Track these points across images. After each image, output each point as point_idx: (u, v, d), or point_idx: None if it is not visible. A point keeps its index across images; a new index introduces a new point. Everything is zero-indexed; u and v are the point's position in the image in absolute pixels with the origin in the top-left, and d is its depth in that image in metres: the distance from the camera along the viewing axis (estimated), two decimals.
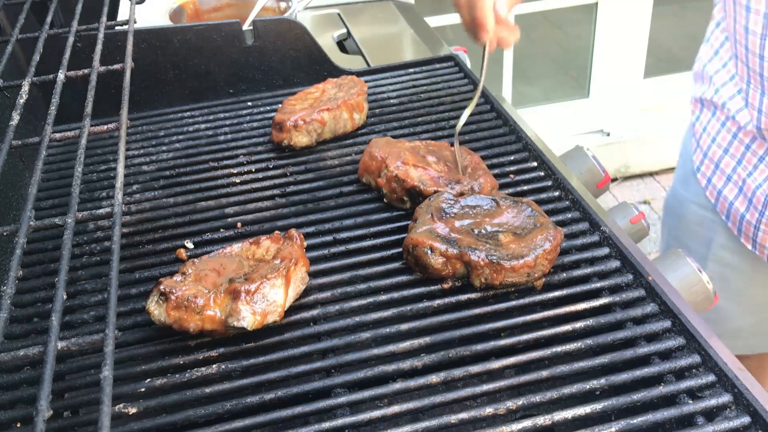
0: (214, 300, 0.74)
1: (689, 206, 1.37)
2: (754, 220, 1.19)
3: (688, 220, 1.38)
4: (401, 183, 0.95)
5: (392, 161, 0.97)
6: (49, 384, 0.43)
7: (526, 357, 0.74)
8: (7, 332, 0.59)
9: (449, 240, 0.82)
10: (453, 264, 0.81)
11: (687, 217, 1.38)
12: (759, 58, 1.07)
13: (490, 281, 0.80)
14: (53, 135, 0.67)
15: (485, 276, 0.80)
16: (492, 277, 0.80)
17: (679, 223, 1.42)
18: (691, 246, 1.38)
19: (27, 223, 0.57)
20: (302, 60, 1.33)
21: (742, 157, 1.20)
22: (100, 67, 0.77)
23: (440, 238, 0.82)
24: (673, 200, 1.45)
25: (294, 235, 0.85)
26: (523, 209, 0.88)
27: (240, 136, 1.19)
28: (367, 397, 0.71)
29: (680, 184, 1.42)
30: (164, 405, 0.71)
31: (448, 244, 0.82)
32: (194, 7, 1.59)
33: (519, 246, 0.81)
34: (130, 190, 1.06)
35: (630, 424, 0.66)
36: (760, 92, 1.10)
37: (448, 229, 0.84)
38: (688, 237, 1.39)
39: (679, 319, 0.76)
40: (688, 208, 1.37)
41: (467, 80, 1.30)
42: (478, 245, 0.81)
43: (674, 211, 1.44)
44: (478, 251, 0.80)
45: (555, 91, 3.40)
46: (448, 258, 0.81)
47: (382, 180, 0.97)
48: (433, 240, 0.82)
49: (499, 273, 0.79)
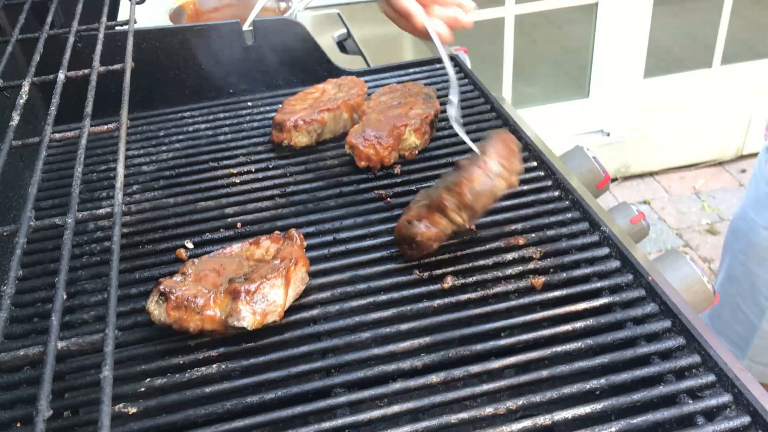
0: (214, 300, 0.74)
1: (759, 231, 1.33)
2: None
3: (758, 246, 1.34)
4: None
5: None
6: (49, 384, 0.43)
7: (526, 357, 0.74)
8: (7, 332, 0.59)
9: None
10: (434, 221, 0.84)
11: (758, 243, 1.34)
12: None
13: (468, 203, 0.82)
14: (53, 135, 0.67)
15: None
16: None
17: (748, 249, 1.37)
18: (761, 275, 1.34)
19: (27, 223, 0.57)
20: (302, 60, 1.33)
21: None
22: (100, 67, 0.77)
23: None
24: (743, 223, 1.40)
25: (294, 235, 0.85)
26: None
27: (240, 136, 1.19)
28: (367, 397, 0.71)
29: (752, 208, 1.36)
30: (164, 405, 0.71)
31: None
32: (194, 7, 1.59)
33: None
34: (130, 190, 1.06)
35: (630, 424, 0.66)
36: None
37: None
38: (758, 264, 1.34)
39: (679, 319, 0.76)
40: (759, 233, 1.33)
41: (467, 80, 1.30)
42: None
43: (743, 234, 1.39)
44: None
45: (555, 91, 3.40)
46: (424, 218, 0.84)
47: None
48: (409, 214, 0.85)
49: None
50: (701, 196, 3.20)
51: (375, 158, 1.04)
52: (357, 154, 1.04)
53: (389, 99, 1.15)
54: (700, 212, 3.11)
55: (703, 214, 3.08)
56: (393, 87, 1.20)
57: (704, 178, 3.30)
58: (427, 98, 1.15)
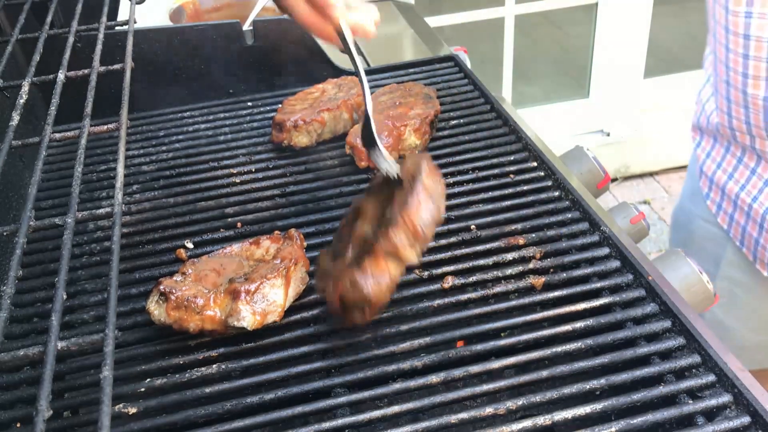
0: (214, 300, 0.74)
1: (697, 221, 1.35)
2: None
3: (697, 236, 1.36)
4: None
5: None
6: (49, 384, 0.43)
7: (526, 357, 0.74)
8: (7, 332, 0.59)
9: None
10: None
11: (695, 232, 1.36)
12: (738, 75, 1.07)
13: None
14: (53, 135, 0.67)
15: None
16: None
17: (687, 238, 1.40)
18: (700, 263, 1.36)
19: (27, 223, 0.57)
20: (302, 60, 1.33)
21: (747, 181, 1.18)
22: (100, 67, 0.77)
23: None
24: (682, 214, 1.42)
25: (294, 235, 0.85)
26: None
27: (240, 136, 1.19)
28: (367, 397, 0.70)
29: (688, 199, 1.39)
30: (164, 405, 0.71)
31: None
32: (194, 7, 1.59)
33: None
34: (130, 190, 1.06)
35: (630, 424, 0.66)
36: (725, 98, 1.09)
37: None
38: (697, 253, 1.36)
39: (679, 319, 0.76)
40: (696, 224, 1.35)
41: (467, 80, 1.30)
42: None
43: (683, 225, 1.42)
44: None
45: (555, 91, 3.40)
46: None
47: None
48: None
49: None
50: None
51: None
52: (357, 154, 1.04)
53: (389, 99, 1.15)
54: None
55: None
56: (393, 87, 1.20)
57: None
58: (427, 98, 1.15)
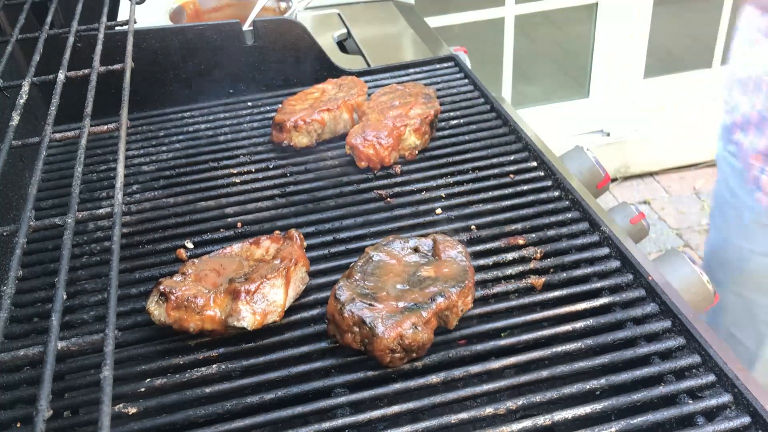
0: (214, 300, 0.74)
1: (755, 258, 1.31)
2: None
3: (756, 273, 1.32)
4: None
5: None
6: (49, 384, 0.43)
7: (526, 357, 0.74)
8: (7, 332, 0.59)
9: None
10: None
11: (752, 269, 1.32)
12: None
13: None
14: (53, 135, 0.67)
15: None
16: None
17: (744, 279, 1.35)
18: (758, 300, 1.33)
19: (27, 223, 0.57)
20: (302, 60, 1.33)
21: None
22: (100, 67, 0.77)
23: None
24: (731, 253, 1.37)
25: (294, 235, 0.85)
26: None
27: (240, 136, 1.19)
28: (367, 397, 0.71)
29: (738, 236, 1.34)
30: (164, 405, 0.71)
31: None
32: (194, 7, 1.59)
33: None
34: (130, 190, 1.06)
35: (630, 424, 0.66)
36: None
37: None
38: (754, 291, 1.33)
39: (679, 319, 0.76)
40: (754, 261, 1.31)
41: (467, 80, 1.30)
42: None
43: (735, 264, 1.37)
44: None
45: (555, 91, 3.40)
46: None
47: None
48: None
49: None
50: (701, 196, 3.20)
51: (375, 158, 1.04)
52: (357, 154, 1.04)
53: (389, 99, 1.15)
54: (699, 212, 3.11)
55: (702, 214, 3.08)
56: (393, 87, 1.20)
57: (704, 178, 3.30)
58: (426, 98, 1.15)
